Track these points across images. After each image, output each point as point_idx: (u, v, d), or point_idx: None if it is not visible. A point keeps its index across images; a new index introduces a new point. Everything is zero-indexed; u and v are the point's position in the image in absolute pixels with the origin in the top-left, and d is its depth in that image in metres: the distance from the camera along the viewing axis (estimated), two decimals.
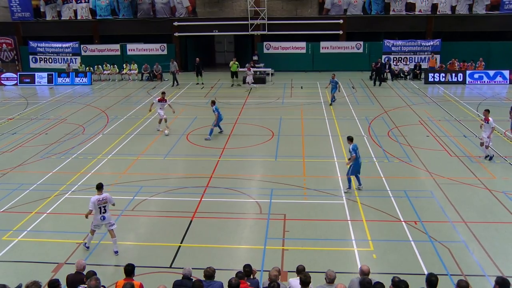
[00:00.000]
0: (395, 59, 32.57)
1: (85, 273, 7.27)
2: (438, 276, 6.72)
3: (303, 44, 33.93)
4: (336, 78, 23.24)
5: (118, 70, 32.66)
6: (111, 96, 27.02)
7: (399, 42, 32.71)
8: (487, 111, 14.97)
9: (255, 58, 32.67)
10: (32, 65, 35.24)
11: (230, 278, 6.75)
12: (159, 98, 18.95)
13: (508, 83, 28.58)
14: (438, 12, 32.50)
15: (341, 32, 33.54)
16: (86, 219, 9.89)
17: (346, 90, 26.92)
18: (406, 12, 32.79)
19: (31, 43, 35.12)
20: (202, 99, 25.65)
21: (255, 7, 32.98)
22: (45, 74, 31.95)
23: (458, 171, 14.34)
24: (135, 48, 34.90)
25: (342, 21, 33.24)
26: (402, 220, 11.21)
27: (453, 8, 32.27)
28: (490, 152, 14.97)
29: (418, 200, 12.30)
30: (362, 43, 33.44)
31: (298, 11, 33.56)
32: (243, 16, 33.49)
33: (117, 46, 34.92)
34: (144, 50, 34.89)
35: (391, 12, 32.85)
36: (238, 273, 7.21)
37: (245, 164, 15.44)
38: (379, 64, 28.76)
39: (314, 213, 11.72)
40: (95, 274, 6.99)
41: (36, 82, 31.64)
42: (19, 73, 32.78)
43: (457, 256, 9.58)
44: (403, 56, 32.83)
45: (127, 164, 15.45)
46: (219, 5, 33.68)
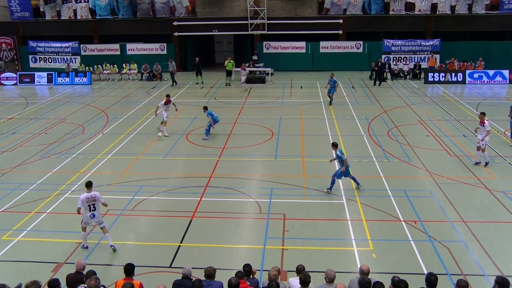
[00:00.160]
0: (394, 58, 32.59)
1: (85, 272, 7.27)
2: (438, 275, 6.73)
3: (303, 43, 33.93)
4: (334, 77, 23.21)
5: (117, 70, 32.66)
6: (111, 96, 27.01)
7: (399, 42, 32.74)
8: (483, 113, 14.72)
9: (255, 57, 32.70)
10: (32, 64, 35.24)
11: (230, 278, 6.75)
12: (164, 101, 18.57)
13: (508, 83, 28.58)
14: (437, 12, 32.51)
15: (340, 31, 33.56)
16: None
17: (346, 90, 26.93)
18: (406, 12, 32.80)
19: (30, 42, 35.12)
20: (202, 98, 25.64)
21: (254, 7, 32.97)
22: (44, 74, 31.94)
23: (457, 170, 14.35)
24: (134, 48, 34.90)
25: (341, 20, 33.25)
26: (402, 219, 11.21)
27: (452, 8, 32.27)
28: (487, 157, 14.55)
29: (418, 199, 12.30)
30: (361, 42, 33.45)
31: (298, 11, 33.55)
32: (242, 16, 33.49)
33: (116, 46, 34.91)
34: (144, 50, 34.89)
35: (391, 12, 32.86)
36: (237, 272, 7.21)
37: (244, 164, 15.43)
38: (380, 64, 28.78)
39: (314, 212, 11.72)
40: (95, 273, 6.99)
41: (35, 81, 31.63)
42: (18, 72, 32.78)
43: (456, 256, 9.58)
44: (402, 56, 32.85)
45: (127, 164, 15.45)
46: (218, 5, 33.67)
